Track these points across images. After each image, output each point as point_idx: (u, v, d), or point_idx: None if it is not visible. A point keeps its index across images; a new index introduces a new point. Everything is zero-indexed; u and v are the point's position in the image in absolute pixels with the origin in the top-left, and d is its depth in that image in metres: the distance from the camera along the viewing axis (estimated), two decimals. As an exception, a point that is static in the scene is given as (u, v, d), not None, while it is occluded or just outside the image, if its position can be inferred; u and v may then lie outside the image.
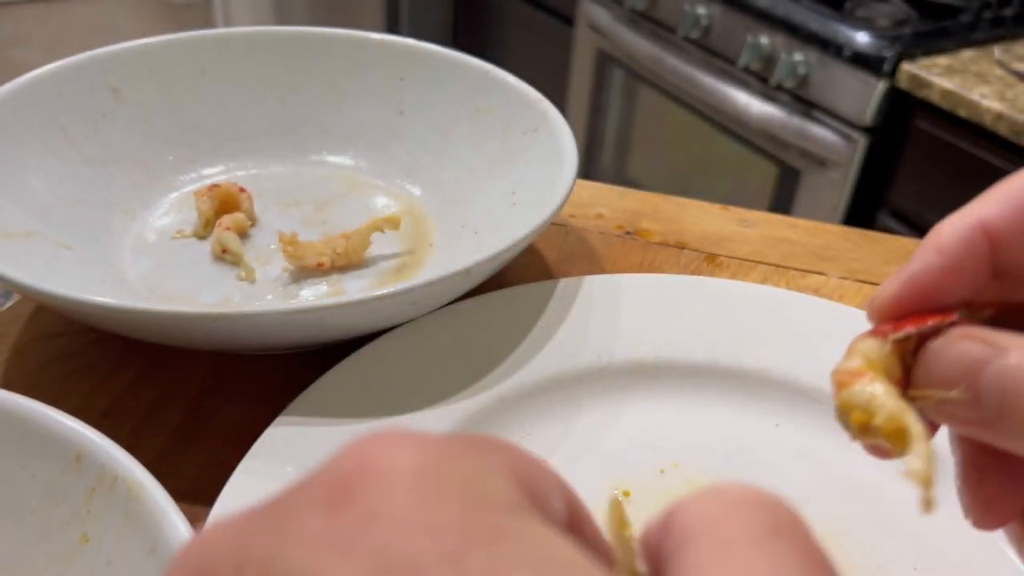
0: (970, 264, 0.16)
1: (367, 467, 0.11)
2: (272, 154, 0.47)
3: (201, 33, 0.46)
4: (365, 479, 0.11)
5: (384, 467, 0.11)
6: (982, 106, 0.93)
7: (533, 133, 0.42)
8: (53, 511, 0.24)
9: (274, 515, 0.11)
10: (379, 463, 0.11)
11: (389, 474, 0.11)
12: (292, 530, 0.10)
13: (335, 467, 0.11)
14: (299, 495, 0.11)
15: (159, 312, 0.29)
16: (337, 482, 0.11)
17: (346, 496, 0.11)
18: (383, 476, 0.11)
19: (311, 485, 0.11)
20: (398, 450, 0.11)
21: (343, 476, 0.11)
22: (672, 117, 1.39)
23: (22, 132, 0.40)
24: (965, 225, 0.16)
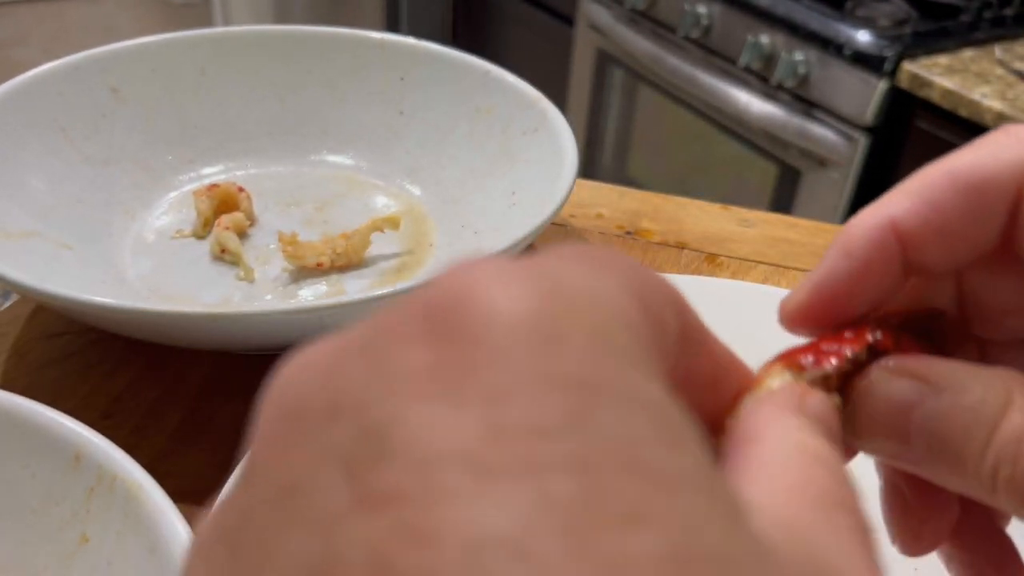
0: (881, 266, 0.15)
1: (471, 299, 0.09)
2: (272, 154, 0.47)
3: (201, 33, 0.46)
4: (470, 311, 0.09)
5: (492, 299, 0.09)
6: (983, 106, 0.93)
7: (533, 133, 0.42)
8: (53, 511, 0.24)
9: (369, 348, 0.09)
10: (484, 294, 0.09)
11: (499, 309, 0.09)
12: (391, 368, 0.09)
13: (432, 296, 0.10)
14: (393, 324, 0.10)
15: (159, 312, 0.29)
16: (437, 313, 0.09)
17: (450, 330, 0.09)
18: (491, 310, 0.09)
19: (405, 315, 0.10)
20: (506, 280, 0.09)
21: (443, 306, 0.09)
22: (672, 117, 1.39)
23: (22, 132, 0.40)
24: (874, 225, 0.16)
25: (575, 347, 0.09)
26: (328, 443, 0.09)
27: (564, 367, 0.09)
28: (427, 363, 0.09)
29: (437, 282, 0.10)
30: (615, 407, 0.09)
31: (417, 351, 0.09)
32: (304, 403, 0.09)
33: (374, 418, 0.09)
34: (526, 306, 0.09)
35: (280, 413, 0.10)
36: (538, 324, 0.09)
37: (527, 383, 0.09)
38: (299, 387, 0.10)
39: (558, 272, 0.10)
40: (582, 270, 0.10)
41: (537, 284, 0.09)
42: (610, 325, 0.09)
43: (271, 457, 0.09)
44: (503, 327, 0.09)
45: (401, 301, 0.10)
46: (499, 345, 0.09)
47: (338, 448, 0.09)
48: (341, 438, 0.09)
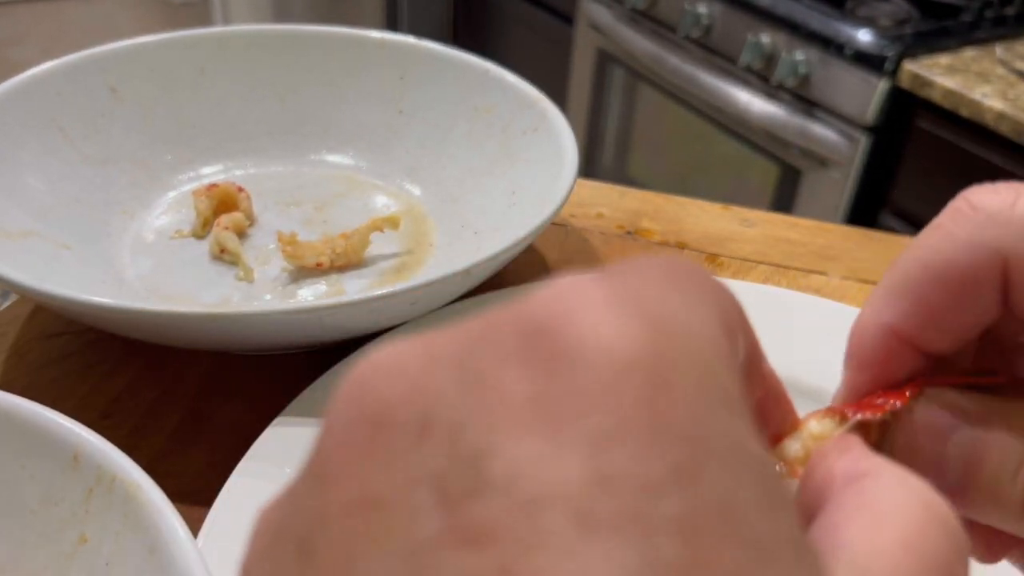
0: (896, 365, 0.16)
1: (573, 325, 0.09)
2: (271, 153, 0.47)
3: (200, 32, 0.46)
4: (573, 340, 0.09)
5: (597, 330, 0.09)
6: (984, 105, 0.93)
7: (533, 133, 0.42)
8: (51, 512, 0.24)
9: (462, 361, 0.09)
10: (588, 322, 0.09)
11: (606, 343, 0.09)
12: (488, 389, 0.09)
13: (530, 313, 0.09)
14: (488, 337, 0.09)
15: (158, 312, 0.29)
16: (537, 333, 0.09)
17: (552, 357, 0.09)
18: (598, 343, 0.09)
19: (501, 329, 0.09)
20: (609, 309, 0.09)
21: (543, 327, 0.09)
22: (673, 116, 1.39)
23: (20, 132, 0.40)
24: (876, 334, 0.16)
25: (684, 395, 0.09)
26: (419, 461, 0.08)
27: (673, 417, 0.08)
28: (528, 391, 0.09)
29: (533, 298, 0.09)
30: (721, 465, 0.08)
31: (516, 375, 0.09)
32: (391, 411, 0.09)
33: (470, 443, 0.08)
34: (632, 343, 0.09)
35: (362, 415, 0.09)
36: (646, 365, 0.09)
37: (635, 431, 0.08)
38: (385, 391, 0.09)
39: (657, 301, 0.10)
40: (678, 298, 0.10)
41: (641, 317, 0.09)
42: (714, 367, 0.09)
43: (352, 463, 0.09)
44: (610, 364, 0.09)
45: (494, 311, 0.10)
46: (607, 385, 0.09)
47: (430, 469, 0.08)
48: (434, 458, 0.08)
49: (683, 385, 0.09)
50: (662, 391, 0.09)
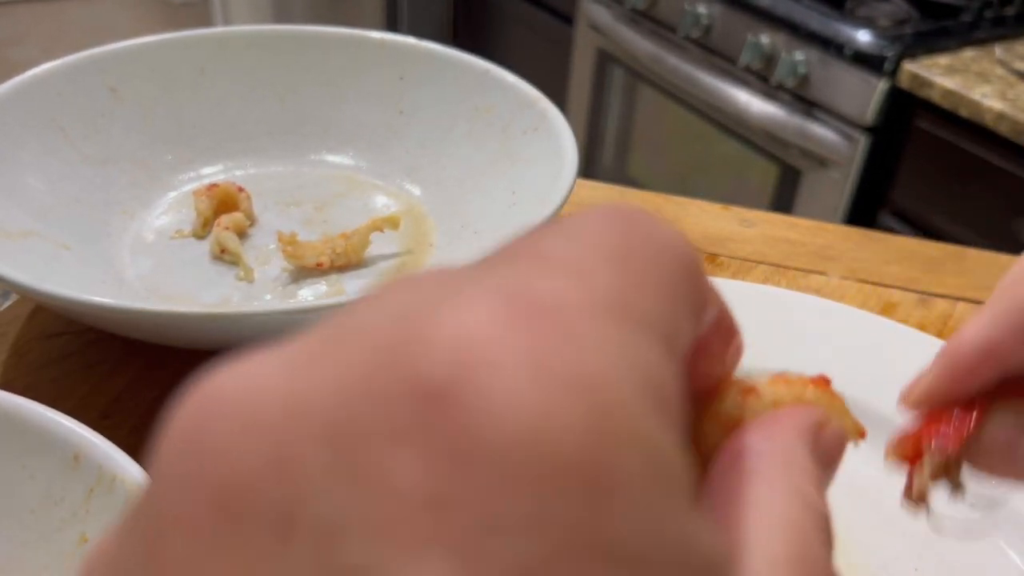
0: (981, 379, 0.18)
1: (474, 387, 0.07)
2: (271, 154, 0.47)
3: (200, 32, 0.46)
4: (473, 411, 0.07)
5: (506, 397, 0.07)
6: (983, 106, 0.93)
7: (533, 133, 0.42)
8: (52, 511, 0.24)
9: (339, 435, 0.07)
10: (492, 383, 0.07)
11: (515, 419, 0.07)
12: (373, 482, 0.07)
13: (423, 366, 0.07)
14: (375, 401, 0.07)
15: (158, 312, 0.29)
16: (430, 397, 0.07)
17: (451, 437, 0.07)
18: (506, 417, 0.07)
19: (388, 388, 0.07)
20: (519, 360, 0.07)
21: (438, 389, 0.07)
22: (672, 116, 1.39)
23: (20, 132, 0.40)
24: (976, 350, 0.17)
25: (629, 501, 0.07)
26: (282, 572, 0.07)
27: (618, 536, 0.07)
28: (425, 490, 0.07)
29: (430, 336, 0.07)
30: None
31: (411, 464, 0.07)
32: (246, 493, 0.07)
33: (351, 560, 0.07)
34: (563, 428, 0.07)
35: (208, 489, 0.07)
36: (583, 462, 0.07)
37: (572, 561, 0.07)
38: (236, 458, 0.07)
39: (588, 346, 0.08)
40: (613, 327, 0.08)
41: (570, 381, 0.07)
42: (658, 440, 0.08)
43: (193, 558, 0.07)
44: (539, 461, 0.07)
45: (374, 341, 0.08)
46: (534, 492, 0.07)
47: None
48: (301, 571, 0.07)
49: (626, 485, 0.07)
50: (602, 499, 0.07)
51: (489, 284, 0.08)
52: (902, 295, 0.42)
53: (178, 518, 0.07)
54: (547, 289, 0.08)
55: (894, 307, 0.41)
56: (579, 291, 0.08)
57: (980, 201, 0.98)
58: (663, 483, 0.08)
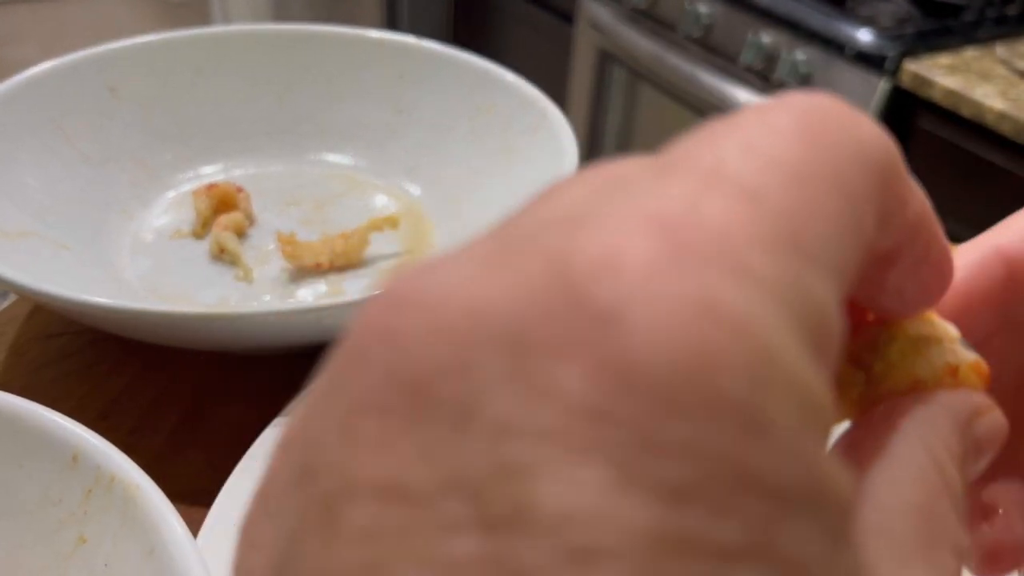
0: (985, 284, 0.15)
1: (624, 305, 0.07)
2: (270, 153, 0.47)
3: (199, 31, 0.46)
4: (631, 338, 0.07)
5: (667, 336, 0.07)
6: (985, 105, 0.93)
7: (533, 132, 0.42)
8: (50, 512, 0.24)
9: (518, 341, 0.08)
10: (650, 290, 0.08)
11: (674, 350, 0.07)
12: (543, 391, 0.07)
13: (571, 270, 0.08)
14: (550, 320, 0.08)
15: (157, 312, 0.29)
16: (584, 310, 0.08)
17: (613, 364, 0.07)
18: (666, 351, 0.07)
19: (551, 298, 0.08)
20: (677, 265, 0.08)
21: (588, 299, 0.08)
22: (673, 116, 1.39)
23: (19, 131, 0.39)
24: (979, 249, 0.15)
25: (777, 438, 0.08)
26: (457, 460, 0.08)
27: (763, 468, 0.07)
28: (586, 401, 0.07)
29: (600, 253, 0.08)
30: (799, 522, 0.08)
31: (575, 375, 0.07)
32: (433, 384, 0.08)
33: (516, 454, 0.07)
34: (721, 362, 0.08)
35: (402, 375, 0.08)
36: (738, 398, 0.08)
37: (719, 486, 0.07)
38: (427, 353, 0.08)
39: (748, 276, 0.08)
40: (775, 265, 0.08)
41: (727, 309, 0.08)
42: (808, 378, 0.08)
43: (386, 435, 0.08)
44: (697, 394, 0.07)
45: (535, 239, 0.08)
46: (691, 422, 0.07)
47: (469, 472, 0.07)
48: (473, 460, 0.07)
49: (776, 424, 0.08)
50: (752, 435, 0.07)
51: (660, 202, 0.08)
52: (903, 295, 0.42)
53: (374, 400, 0.08)
54: (717, 215, 0.08)
55: (895, 307, 0.41)
56: (751, 218, 0.08)
57: (981, 201, 0.98)
58: (811, 426, 0.08)
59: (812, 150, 0.09)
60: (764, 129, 0.09)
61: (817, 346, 0.08)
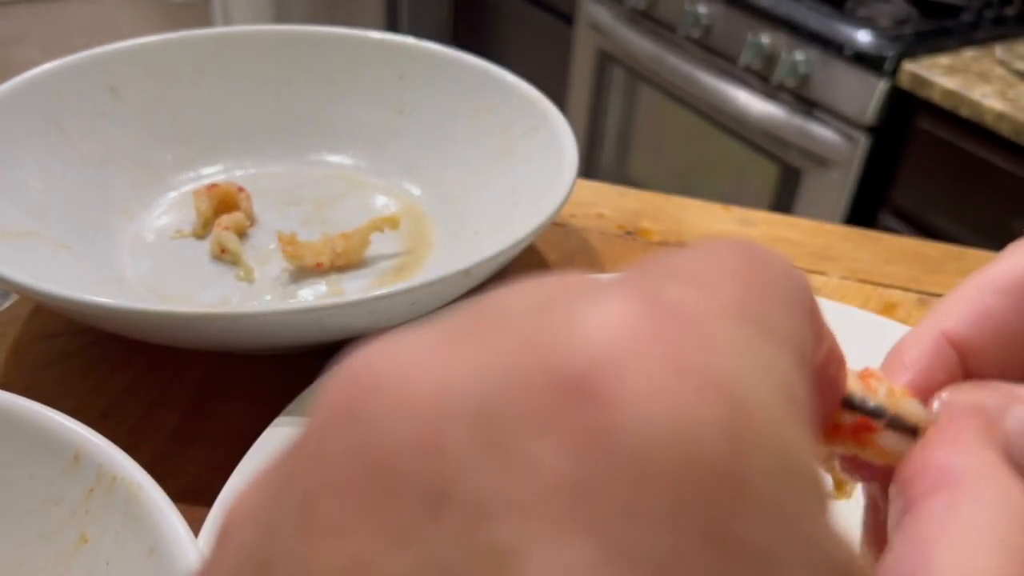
0: (942, 374, 0.15)
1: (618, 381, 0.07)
2: (271, 153, 0.47)
3: (199, 32, 0.46)
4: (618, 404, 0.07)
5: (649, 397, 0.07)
6: (984, 106, 0.93)
7: (533, 133, 0.42)
8: (51, 511, 0.24)
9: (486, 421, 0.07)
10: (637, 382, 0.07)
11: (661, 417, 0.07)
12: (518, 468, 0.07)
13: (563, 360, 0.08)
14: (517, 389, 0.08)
15: (158, 312, 0.29)
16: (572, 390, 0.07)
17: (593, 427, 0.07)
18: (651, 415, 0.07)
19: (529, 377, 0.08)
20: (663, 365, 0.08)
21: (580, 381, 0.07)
22: (673, 116, 1.39)
23: (20, 131, 0.40)
24: (927, 338, 0.15)
25: (761, 503, 0.07)
26: (431, 545, 0.07)
27: (748, 537, 0.07)
28: (570, 477, 0.07)
29: (572, 329, 0.08)
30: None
31: (554, 451, 0.07)
32: (401, 467, 0.07)
33: (496, 536, 0.07)
34: (700, 429, 0.07)
35: (364, 460, 0.08)
36: (719, 464, 0.07)
37: (704, 556, 0.07)
38: (391, 434, 0.08)
39: (725, 352, 0.08)
40: (749, 339, 0.08)
41: (708, 385, 0.07)
42: (792, 447, 0.08)
43: (349, 520, 0.07)
44: (676, 461, 0.07)
45: (519, 331, 0.08)
46: (671, 490, 0.07)
47: (444, 559, 0.07)
48: (449, 546, 0.07)
49: (759, 489, 0.07)
50: (735, 500, 0.07)
51: (624, 287, 0.08)
52: (902, 295, 0.42)
53: (335, 481, 0.08)
54: (680, 295, 0.08)
55: (894, 307, 0.41)
56: (710, 299, 0.09)
57: (980, 201, 0.98)
58: (798, 486, 0.08)
59: (751, 264, 0.10)
60: (707, 250, 0.10)
61: (792, 409, 0.08)
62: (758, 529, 0.07)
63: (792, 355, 0.09)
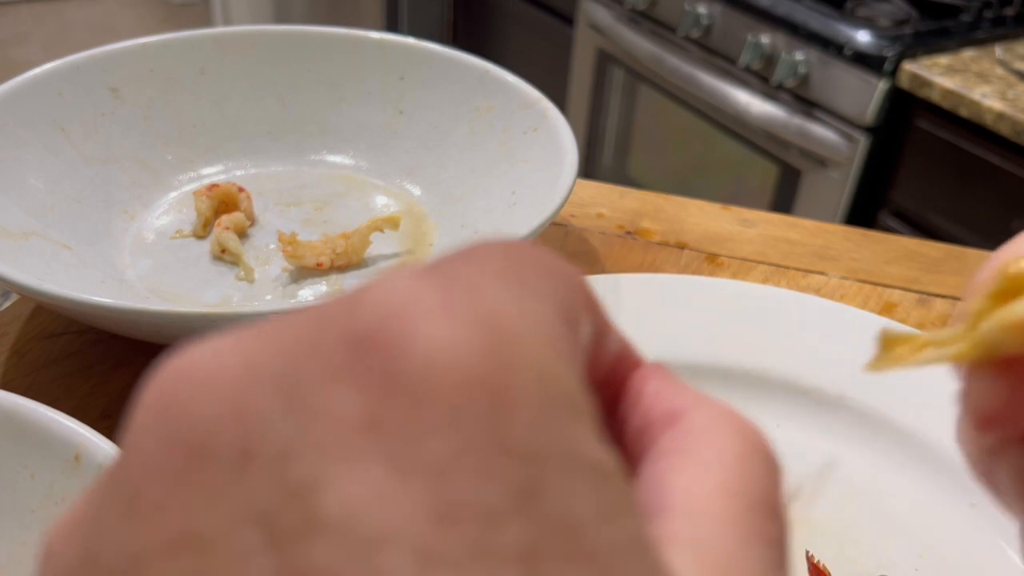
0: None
1: (407, 333, 0.08)
2: (271, 154, 0.47)
3: (200, 33, 0.46)
4: (407, 351, 0.08)
5: (432, 339, 0.08)
6: (983, 106, 0.93)
7: (533, 133, 0.42)
8: (52, 511, 0.24)
9: (286, 379, 0.08)
10: (422, 330, 0.08)
11: (442, 355, 0.08)
12: (316, 411, 0.08)
13: (359, 321, 0.09)
14: (314, 349, 0.09)
15: (158, 312, 0.29)
16: (367, 345, 0.08)
17: (385, 372, 0.08)
18: (433, 354, 0.08)
19: (327, 339, 0.09)
20: (443, 312, 0.09)
21: (374, 338, 0.08)
22: (672, 117, 1.39)
23: (21, 132, 0.40)
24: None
25: (523, 408, 0.08)
26: (244, 495, 0.08)
27: (513, 434, 0.08)
28: (359, 414, 0.08)
29: (360, 299, 0.09)
30: (561, 480, 0.08)
31: (347, 394, 0.08)
32: (209, 435, 0.08)
33: (299, 475, 0.08)
34: (469, 354, 0.08)
35: (175, 437, 0.08)
36: (484, 378, 0.08)
37: (478, 454, 0.08)
38: (199, 409, 0.08)
39: (491, 300, 0.09)
40: (513, 293, 0.09)
41: (475, 321, 0.09)
42: (553, 369, 0.09)
43: (169, 495, 0.08)
44: (450, 380, 0.08)
45: (317, 314, 0.09)
46: (446, 404, 0.08)
47: (257, 504, 0.08)
48: (260, 492, 0.08)
49: (522, 397, 0.08)
50: (501, 406, 0.08)
51: (405, 268, 0.10)
52: (902, 295, 0.42)
53: (153, 466, 0.08)
54: (454, 266, 0.10)
55: (894, 307, 0.41)
56: (480, 268, 0.10)
57: (980, 201, 0.98)
58: (559, 399, 0.09)
59: (523, 249, 0.11)
60: (471, 252, 0.11)
61: (554, 345, 0.09)
62: (526, 431, 0.08)
63: (554, 310, 0.10)
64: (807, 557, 0.28)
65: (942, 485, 0.31)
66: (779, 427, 0.33)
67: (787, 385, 0.34)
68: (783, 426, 0.33)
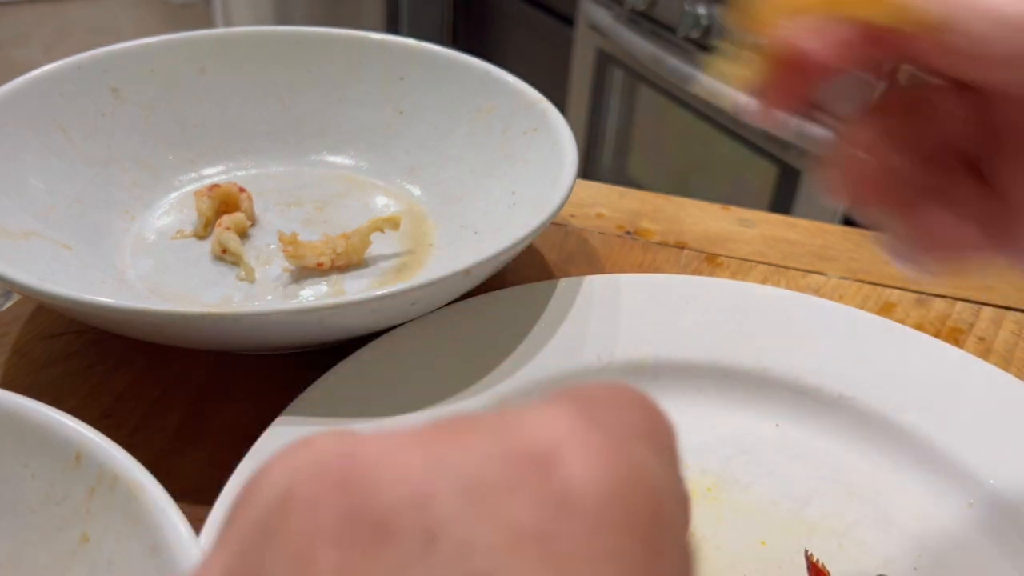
0: None
1: (567, 469, 0.10)
2: (272, 154, 0.47)
3: (201, 33, 0.46)
4: (571, 483, 0.10)
5: (592, 475, 0.10)
6: (982, 106, 0.93)
7: (533, 133, 0.42)
8: (53, 511, 0.24)
9: (470, 476, 0.10)
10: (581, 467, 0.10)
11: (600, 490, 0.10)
12: (497, 514, 0.09)
13: (526, 439, 0.10)
14: (495, 459, 0.10)
15: (159, 312, 0.29)
16: (535, 464, 0.10)
17: (553, 496, 0.10)
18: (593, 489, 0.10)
19: (505, 453, 0.10)
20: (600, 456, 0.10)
21: (539, 457, 0.10)
22: (672, 117, 1.39)
23: (22, 132, 0.40)
24: None
25: (669, 564, 0.10)
26: (427, 572, 0.09)
27: (660, 544, 0.10)
28: (534, 523, 0.09)
29: (525, 424, 0.11)
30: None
31: (524, 505, 0.10)
32: (395, 517, 0.09)
33: (478, 565, 0.09)
34: (635, 501, 0.10)
35: (361, 514, 0.09)
36: (644, 527, 0.10)
37: (636, 558, 0.10)
38: (386, 493, 0.10)
39: (638, 453, 0.11)
40: (648, 449, 0.11)
41: (631, 468, 0.10)
42: (685, 525, 0.11)
43: (351, 567, 0.09)
44: (615, 519, 0.10)
45: (478, 426, 0.11)
46: (613, 539, 0.10)
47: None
48: (440, 571, 0.09)
49: (668, 551, 0.10)
50: (658, 555, 0.10)
51: (554, 403, 0.11)
52: (900, 295, 0.42)
53: (331, 538, 0.09)
54: (600, 413, 0.12)
55: (892, 307, 0.41)
56: (619, 419, 0.12)
57: (980, 201, 0.98)
58: (682, 516, 0.11)
59: (645, 400, 0.13)
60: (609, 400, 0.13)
61: (685, 510, 0.12)
62: (671, 555, 0.10)
63: (675, 472, 0.12)
64: (807, 557, 0.28)
65: (941, 485, 0.31)
66: (779, 427, 0.33)
67: (787, 385, 0.34)
68: (783, 426, 0.33)
